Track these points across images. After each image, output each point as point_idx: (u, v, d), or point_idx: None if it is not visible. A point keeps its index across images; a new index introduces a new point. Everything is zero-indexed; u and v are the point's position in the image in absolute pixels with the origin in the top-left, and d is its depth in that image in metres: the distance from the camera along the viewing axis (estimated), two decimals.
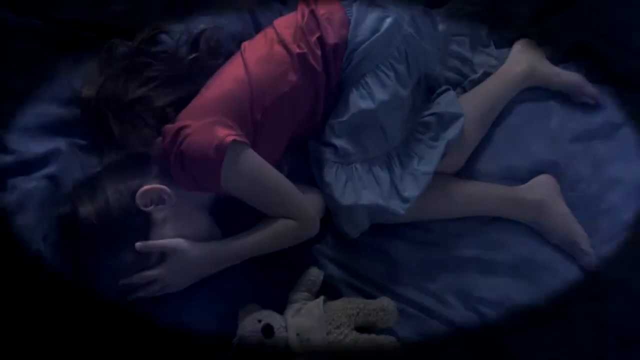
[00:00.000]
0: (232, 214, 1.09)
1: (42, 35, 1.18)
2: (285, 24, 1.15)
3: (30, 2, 1.20)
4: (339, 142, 1.13)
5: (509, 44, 1.36)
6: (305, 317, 1.02)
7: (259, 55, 1.11)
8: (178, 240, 1.01)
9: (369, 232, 1.15)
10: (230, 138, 0.99)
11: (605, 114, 1.30)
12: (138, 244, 0.98)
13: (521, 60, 1.31)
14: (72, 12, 1.22)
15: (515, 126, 1.28)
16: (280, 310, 1.05)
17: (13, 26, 1.16)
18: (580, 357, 1.08)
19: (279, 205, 1.07)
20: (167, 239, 1.01)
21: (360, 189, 1.12)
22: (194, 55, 1.18)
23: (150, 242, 1.00)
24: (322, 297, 1.05)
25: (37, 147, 1.11)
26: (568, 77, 1.31)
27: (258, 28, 1.25)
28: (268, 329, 0.98)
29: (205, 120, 1.02)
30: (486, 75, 1.30)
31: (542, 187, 1.21)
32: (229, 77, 1.10)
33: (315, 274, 1.09)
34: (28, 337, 0.97)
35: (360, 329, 1.04)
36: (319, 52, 1.12)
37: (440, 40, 1.28)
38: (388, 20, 1.14)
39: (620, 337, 1.09)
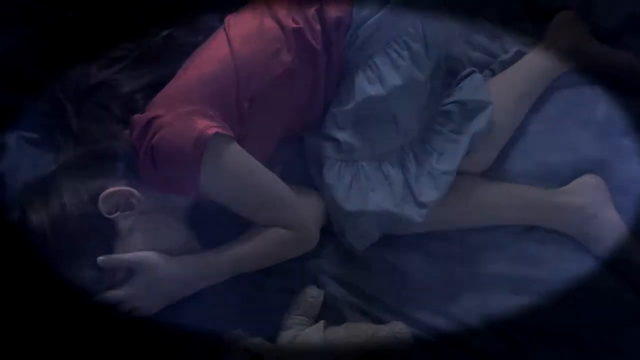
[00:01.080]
0: (213, 223, 1.05)
1: None
2: None
3: None
4: (342, 136, 1.07)
5: (548, 17, 1.24)
6: (302, 346, 1.00)
7: (246, 32, 1.05)
8: (148, 254, 0.97)
9: (379, 244, 1.09)
10: (211, 130, 0.94)
11: None
12: (100, 259, 0.94)
13: (562, 36, 1.21)
14: None
15: (553, 117, 1.19)
16: (272, 337, 1.02)
17: None
18: None
19: (269, 211, 1.02)
20: (135, 252, 0.97)
21: (368, 191, 1.06)
22: (168, 31, 1.11)
23: (115, 256, 0.95)
24: (322, 322, 1.03)
25: None
26: (618, 57, 1.20)
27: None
28: None
29: (181, 109, 0.97)
30: (519, 55, 1.21)
31: (587, 189, 1.13)
32: (210, 58, 1.04)
33: (313, 294, 1.06)
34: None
35: (368, 359, 1.01)
36: (318, 27, 1.05)
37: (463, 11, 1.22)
38: None
39: None
